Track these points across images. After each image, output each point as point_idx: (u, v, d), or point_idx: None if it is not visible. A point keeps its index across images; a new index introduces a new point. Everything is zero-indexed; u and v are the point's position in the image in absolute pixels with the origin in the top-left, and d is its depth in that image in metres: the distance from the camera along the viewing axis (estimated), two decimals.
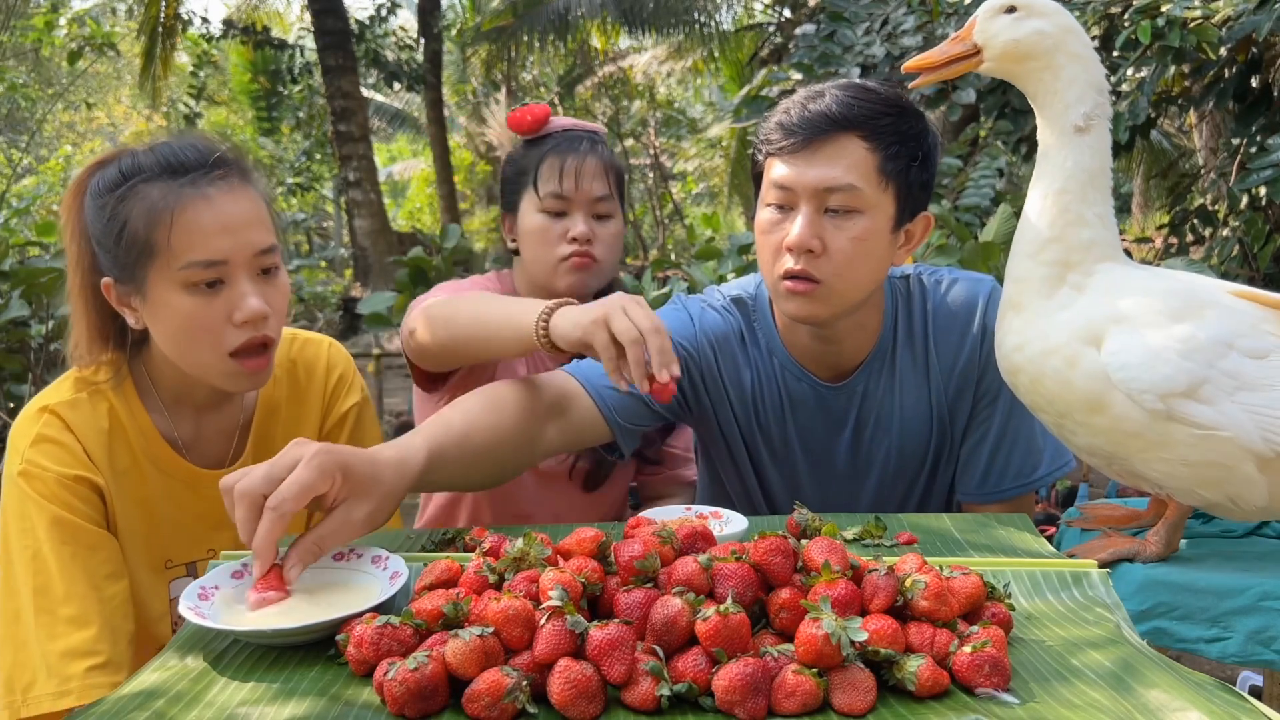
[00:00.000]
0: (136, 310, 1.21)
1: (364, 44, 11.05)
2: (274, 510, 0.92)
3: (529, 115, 1.67)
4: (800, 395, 1.45)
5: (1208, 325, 1.03)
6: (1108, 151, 1.12)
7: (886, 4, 3.72)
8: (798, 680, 0.73)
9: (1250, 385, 1.01)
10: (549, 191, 1.62)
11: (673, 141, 17.94)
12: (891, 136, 1.27)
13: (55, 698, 1.10)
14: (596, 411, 1.34)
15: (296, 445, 0.97)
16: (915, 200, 1.32)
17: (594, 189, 1.62)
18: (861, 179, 1.26)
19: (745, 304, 1.48)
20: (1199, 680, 0.76)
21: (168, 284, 1.16)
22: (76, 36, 9.54)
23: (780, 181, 1.29)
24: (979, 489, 1.44)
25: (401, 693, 0.73)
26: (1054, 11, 1.12)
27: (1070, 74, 1.11)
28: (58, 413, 1.22)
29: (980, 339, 1.40)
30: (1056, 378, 1.08)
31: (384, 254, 9.61)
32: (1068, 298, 1.10)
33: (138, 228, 1.16)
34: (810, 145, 1.26)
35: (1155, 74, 2.83)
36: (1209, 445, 1.02)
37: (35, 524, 1.16)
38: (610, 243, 1.64)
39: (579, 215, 1.62)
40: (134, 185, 1.17)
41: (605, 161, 1.64)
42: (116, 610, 1.17)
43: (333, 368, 1.43)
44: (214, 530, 1.32)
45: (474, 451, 1.19)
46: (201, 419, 1.31)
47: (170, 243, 1.15)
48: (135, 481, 1.25)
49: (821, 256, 1.27)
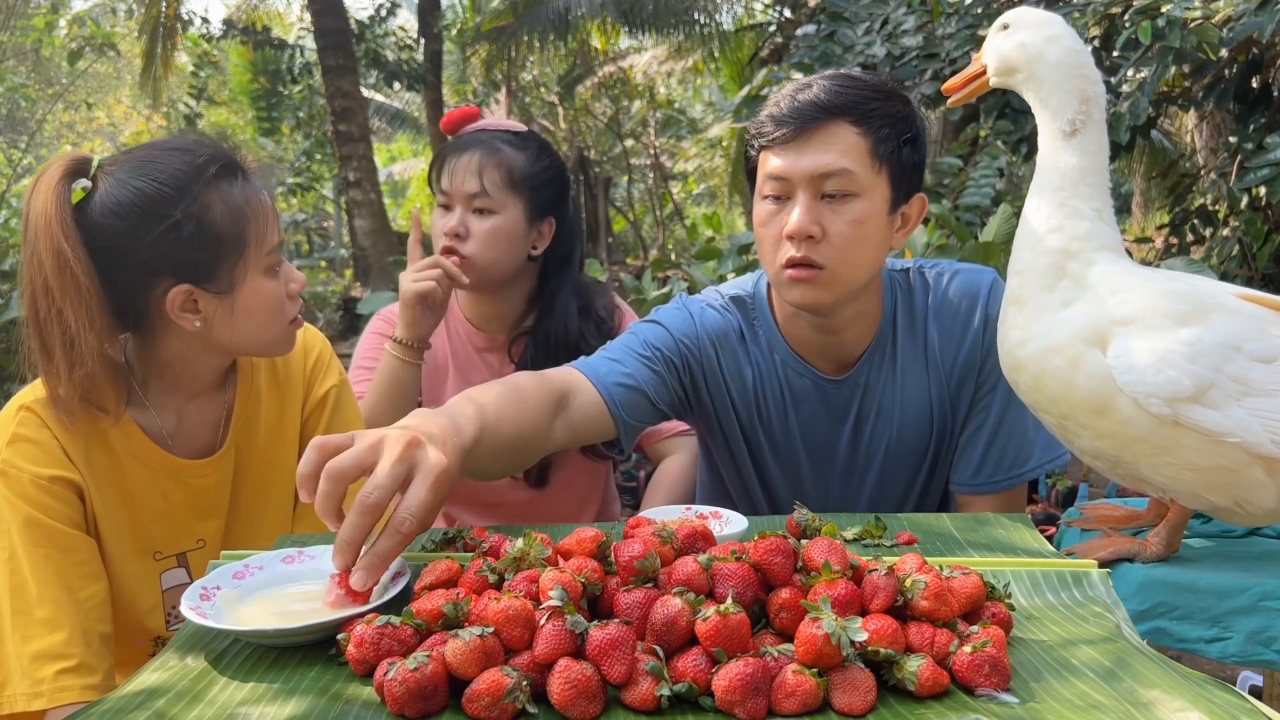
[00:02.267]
0: (201, 311, 1.21)
1: (364, 44, 11.04)
2: (399, 532, 0.87)
3: (451, 117, 1.74)
4: (802, 390, 1.45)
5: (1214, 329, 1.02)
6: (1101, 153, 1.13)
7: (886, 4, 3.72)
8: (798, 680, 0.73)
9: (1258, 390, 1.00)
10: (437, 190, 1.70)
11: (673, 141, 17.94)
12: (881, 120, 1.29)
13: (29, 699, 1.10)
14: (603, 407, 1.34)
15: (401, 441, 0.90)
16: (909, 181, 1.34)
17: (467, 185, 1.65)
18: (855, 163, 1.28)
19: (744, 302, 1.49)
20: (1199, 680, 0.76)
21: (255, 272, 1.23)
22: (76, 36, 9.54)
23: (775, 172, 1.31)
24: (973, 479, 1.44)
25: (402, 693, 0.73)
26: (1040, 24, 1.15)
27: (1051, 82, 1.13)
28: (35, 410, 1.21)
29: (982, 329, 1.41)
30: (1059, 377, 1.08)
31: (384, 254, 9.61)
32: (1070, 291, 1.09)
33: (224, 226, 1.20)
34: (802, 134, 1.29)
35: (1156, 74, 2.83)
36: (1216, 450, 1.01)
37: (10, 525, 1.16)
38: (485, 238, 1.66)
39: (456, 211, 1.67)
40: (199, 191, 1.18)
41: (495, 159, 1.65)
42: (91, 613, 1.17)
43: (309, 350, 1.43)
44: (201, 520, 1.32)
45: (503, 441, 1.15)
46: (184, 410, 1.31)
47: (256, 233, 1.23)
48: (116, 476, 1.25)
49: (822, 242, 1.29)
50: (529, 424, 1.22)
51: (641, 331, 1.46)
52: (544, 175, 1.69)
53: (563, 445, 1.34)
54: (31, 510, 1.16)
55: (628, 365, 1.39)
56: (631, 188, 18.19)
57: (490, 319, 1.78)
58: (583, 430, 1.34)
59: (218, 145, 1.24)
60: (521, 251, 1.70)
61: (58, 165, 1.17)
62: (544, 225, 1.72)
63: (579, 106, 16.21)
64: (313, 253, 15.32)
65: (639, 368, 1.39)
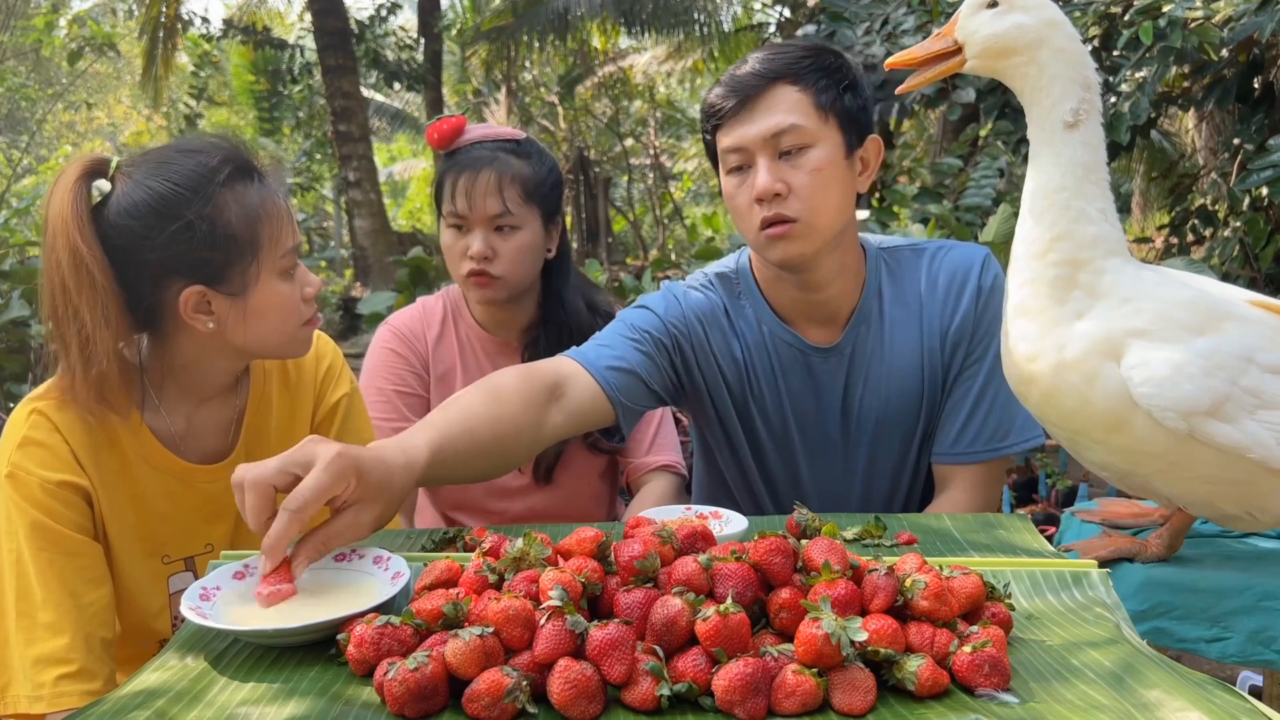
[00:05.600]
0: (215, 312, 1.21)
1: (364, 44, 11.04)
2: (291, 511, 0.92)
3: (438, 131, 1.69)
4: (790, 360, 1.49)
5: (1228, 339, 0.99)
6: (1101, 146, 1.08)
7: (886, 4, 3.72)
8: (798, 680, 0.73)
9: (1271, 402, 0.98)
10: (448, 210, 1.66)
11: (672, 141, 17.94)
12: (816, 74, 1.37)
13: (30, 701, 1.11)
14: (599, 391, 1.37)
15: (313, 442, 0.97)
16: (859, 124, 1.41)
17: (489, 207, 1.63)
18: (802, 117, 1.35)
19: (729, 278, 1.53)
20: (1199, 680, 0.76)
21: (269, 274, 1.23)
22: (76, 36, 9.54)
23: (732, 145, 1.38)
24: (952, 448, 1.47)
25: (402, 693, 0.73)
26: (1037, 5, 1.09)
27: (1054, 69, 1.07)
28: (46, 414, 1.21)
29: (974, 300, 1.45)
30: (1074, 394, 1.04)
31: (384, 254, 9.61)
32: (1081, 302, 1.05)
33: (239, 228, 1.19)
34: (747, 104, 1.36)
35: (1156, 74, 2.83)
36: (1231, 463, 1.00)
37: (17, 528, 1.16)
38: (514, 256, 1.65)
39: (477, 233, 1.64)
40: (213, 193, 1.18)
41: (509, 174, 1.63)
42: (94, 618, 1.17)
43: (321, 358, 1.44)
44: (209, 524, 1.32)
45: (477, 444, 1.20)
46: (195, 415, 1.31)
47: (270, 235, 1.22)
48: (126, 480, 1.25)
49: (789, 196, 1.35)
50: (509, 420, 1.24)
51: (629, 317, 1.49)
52: (550, 180, 1.69)
53: (563, 433, 1.35)
54: (39, 515, 1.17)
55: (618, 349, 1.42)
56: (631, 188, 18.19)
57: (503, 324, 1.77)
58: (580, 417, 1.36)
59: (234, 147, 1.24)
60: (541, 258, 1.71)
61: (76, 166, 1.19)
62: (555, 228, 1.73)
63: (579, 106, 16.20)
64: (313, 253, 15.30)
65: (630, 351, 1.42)
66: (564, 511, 1.78)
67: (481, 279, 1.65)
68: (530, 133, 1.95)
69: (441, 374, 1.78)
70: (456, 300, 1.81)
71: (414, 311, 1.82)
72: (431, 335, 1.79)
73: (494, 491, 1.77)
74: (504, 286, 1.66)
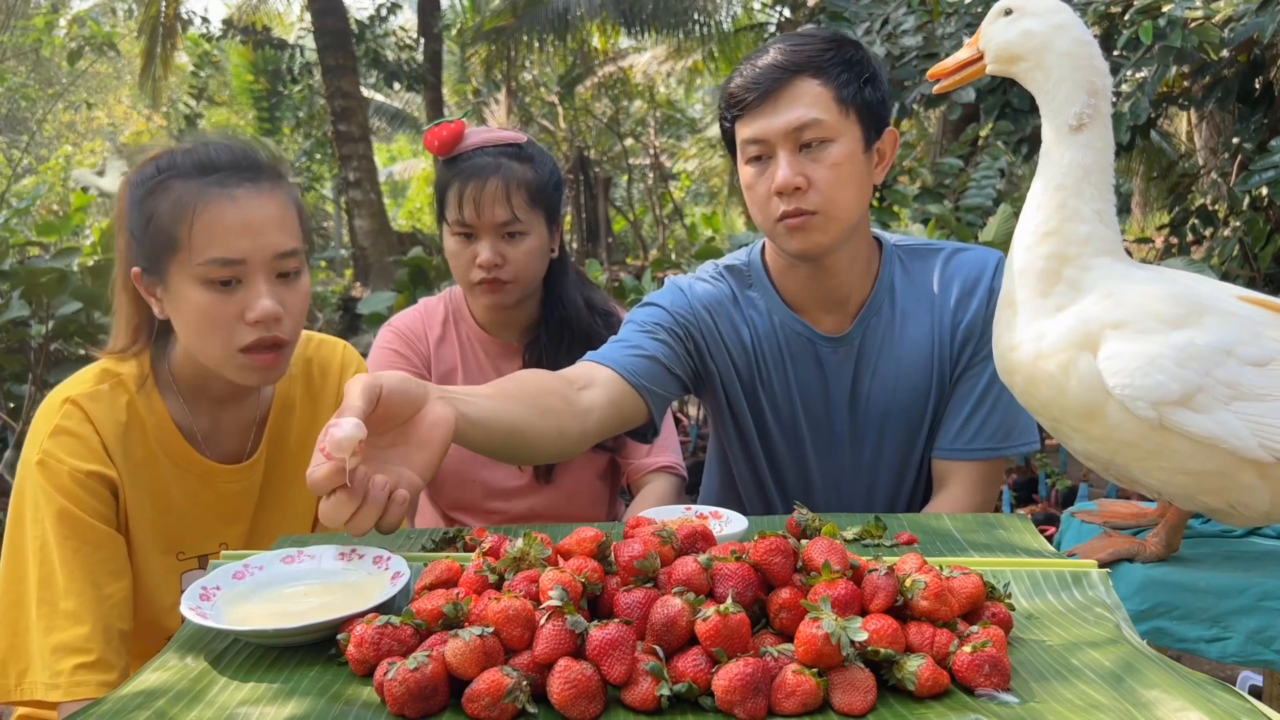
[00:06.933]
0: (160, 300, 1.24)
1: (364, 44, 11.04)
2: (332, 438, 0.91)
3: (438, 137, 1.67)
4: (800, 349, 1.50)
5: (1207, 331, 1.01)
6: (1107, 149, 1.10)
7: (886, 4, 3.72)
8: (798, 680, 0.73)
9: (1248, 394, 0.99)
10: (455, 219, 1.65)
11: (673, 141, 17.93)
12: (838, 68, 1.38)
13: (47, 688, 1.13)
14: (623, 384, 1.37)
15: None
16: (877, 118, 1.42)
17: (497, 215, 1.62)
18: (824, 111, 1.36)
19: (739, 269, 1.55)
20: (1199, 680, 0.76)
21: (186, 278, 1.19)
22: (76, 36, 9.54)
23: (753, 136, 1.39)
24: (953, 444, 1.47)
25: (401, 693, 0.73)
26: (1048, 11, 1.12)
27: (1059, 73, 1.10)
28: (79, 404, 1.23)
29: (986, 299, 1.46)
30: (1050, 383, 1.07)
31: (384, 254, 9.60)
32: (1064, 295, 1.08)
33: (163, 221, 1.19)
34: (769, 96, 1.37)
35: (1156, 74, 2.83)
36: (1206, 454, 1.01)
37: (44, 515, 1.18)
38: (523, 261, 1.65)
39: (485, 241, 1.64)
40: (165, 180, 1.21)
41: (514, 180, 1.63)
42: (113, 609, 1.19)
43: (346, 367, 1.46)
44: (226, 525, 1.33)
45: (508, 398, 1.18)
46: (218, 414, 1.33)
47: (191, 239, 1.18)
48: (150, 474, 1.27)
49: (809, 190, 1.37)
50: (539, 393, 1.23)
51: (639, 315, 1.50)
52: (551, 182, 1.69)
53: (596, 434, 1.33)
54: (66, 503, 1.19)
55: (634, 341, 1.43)
56: (631, 187, 18.19)
57: (505, 325, 1.78)
58: (612, 414, 1.35)
59: (231, 148, 1.25)
60: (547, 259, 1.72)
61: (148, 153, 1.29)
62: (557, 228, 1.73)
63: (579, 106, 16.20)
64: (313, 253, 15.29)
65: (646, 341, 1.44)
66: (564, 511, 1.78)
67: (493, 284, 1.65)
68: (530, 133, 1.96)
69: (443, 374, 1.78)
70: (458, 301, 1.81)
71: (415, 312, 1.82)
72: (433, 336, 1.79)
73: (494, 491, 1.77)
74: (514, 291, 1.67)
